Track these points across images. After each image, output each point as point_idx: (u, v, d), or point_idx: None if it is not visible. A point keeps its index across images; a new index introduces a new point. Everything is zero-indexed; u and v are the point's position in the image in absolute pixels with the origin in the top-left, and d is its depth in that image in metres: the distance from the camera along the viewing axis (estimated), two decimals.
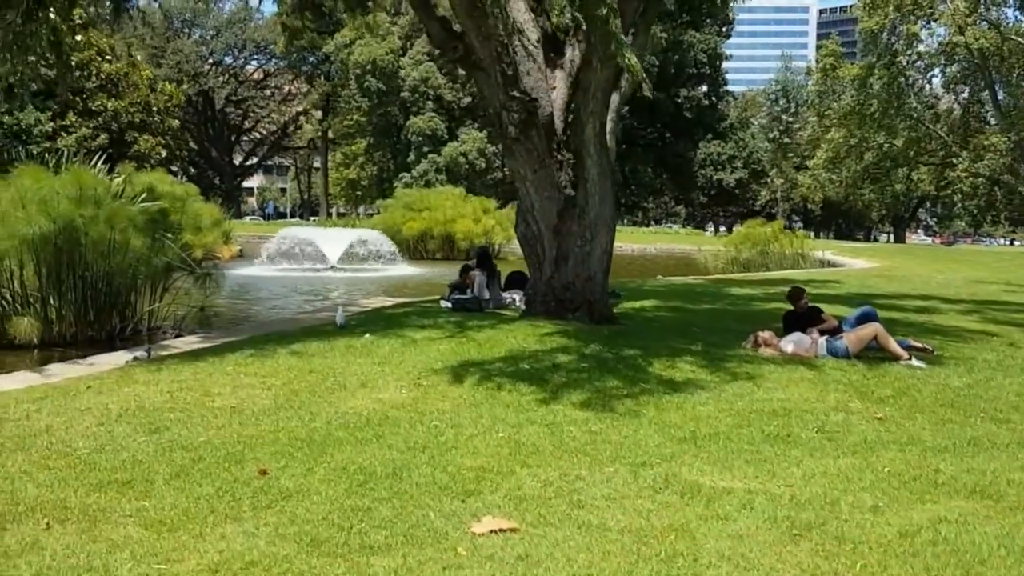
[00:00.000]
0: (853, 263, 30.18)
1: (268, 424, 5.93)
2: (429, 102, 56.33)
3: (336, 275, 26.42)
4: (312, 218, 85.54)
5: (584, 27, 9.87)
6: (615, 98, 10.60)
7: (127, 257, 12.46)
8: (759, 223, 30.17)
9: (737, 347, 9.15)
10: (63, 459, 5.03)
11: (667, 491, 4.82)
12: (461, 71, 57.31)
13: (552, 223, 10.60)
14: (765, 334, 9.22)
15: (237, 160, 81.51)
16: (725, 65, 67.65)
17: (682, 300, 14.01)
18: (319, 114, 72.11)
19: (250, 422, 5.97)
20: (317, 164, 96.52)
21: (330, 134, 68.68)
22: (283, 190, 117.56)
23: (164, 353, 8.97)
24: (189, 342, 10.14)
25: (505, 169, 56.84)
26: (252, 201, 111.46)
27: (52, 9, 9.17)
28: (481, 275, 12.30)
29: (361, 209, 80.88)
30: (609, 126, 10.45)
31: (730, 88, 73.21)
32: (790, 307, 10.30)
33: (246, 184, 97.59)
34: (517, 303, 12.27)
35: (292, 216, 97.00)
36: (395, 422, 6.08)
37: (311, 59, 67.52)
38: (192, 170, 60.12)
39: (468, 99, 57.38)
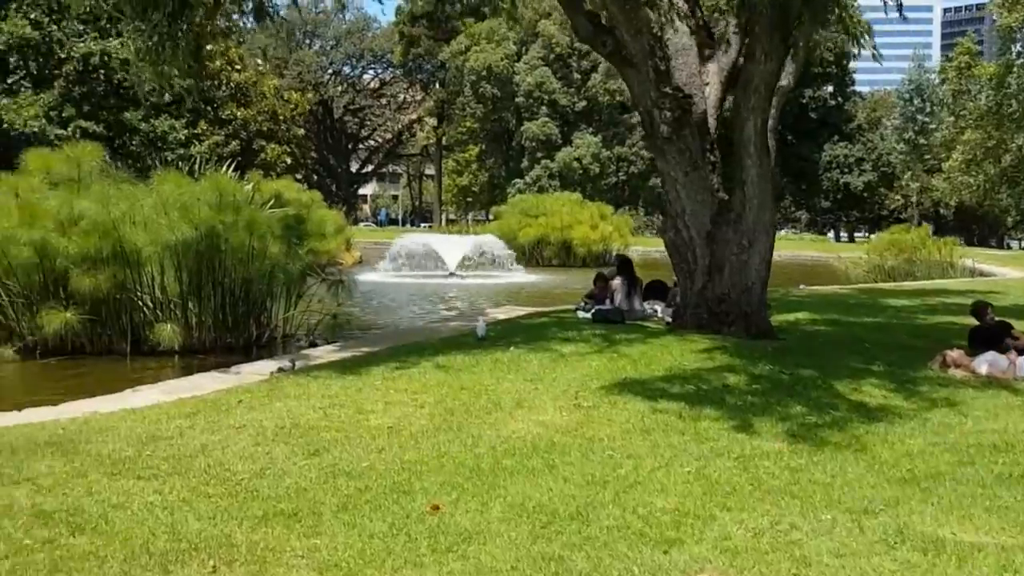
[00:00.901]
0: (1003, 272, 28.08)
1: (429, 448, 5.47)
2: (543, 107, 55.99)
3: (455, 282, 26.24)
4: (423, 224, 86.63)
5: (742, 18, 9.14)
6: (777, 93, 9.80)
7: (264, 264, 12.39)
8: (903, 229, 28.42)
9: (922, 367, 8.22)
10: (223, 485, 4.67)
11: (904, 547, 4.09)
12: (577, 75, 57.00)
13: (705, 229, 9.88)
14: (954, 353, 8.27)
15: (353, 168, 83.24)
16: (852, 64, 64.80)
17: (837, 312, 13.01)
18: (433, 121, 72.86)
19: (410, 445, 5.52)
20: (428, 171, 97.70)
21: (444, 141, 69.22)
22: (395, 197, 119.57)
23: (307, 363, 8.69)
24: (329, 351, 9.87)
25: (620, 174, 56.04)
26: (366, 208, 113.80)
27: (198, 11, 9.04)
28: (622, 284, 11.65)
29: (470, 216, 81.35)
30: (770, 123, 9.66)
31: (856, 88, 70.11)
32: (973, 322, 9.30)
33: (360, 191, 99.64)
34: (659, 315, 11.57)
35: (403, 223, 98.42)
36: (563, 449, 5.52)
37: (426, 67, 68.27)
38: (314, 177, 61.66)
39: (583, 103, 56.83)
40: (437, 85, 68.59)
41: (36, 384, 9.70)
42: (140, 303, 11.71)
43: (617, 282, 11.74)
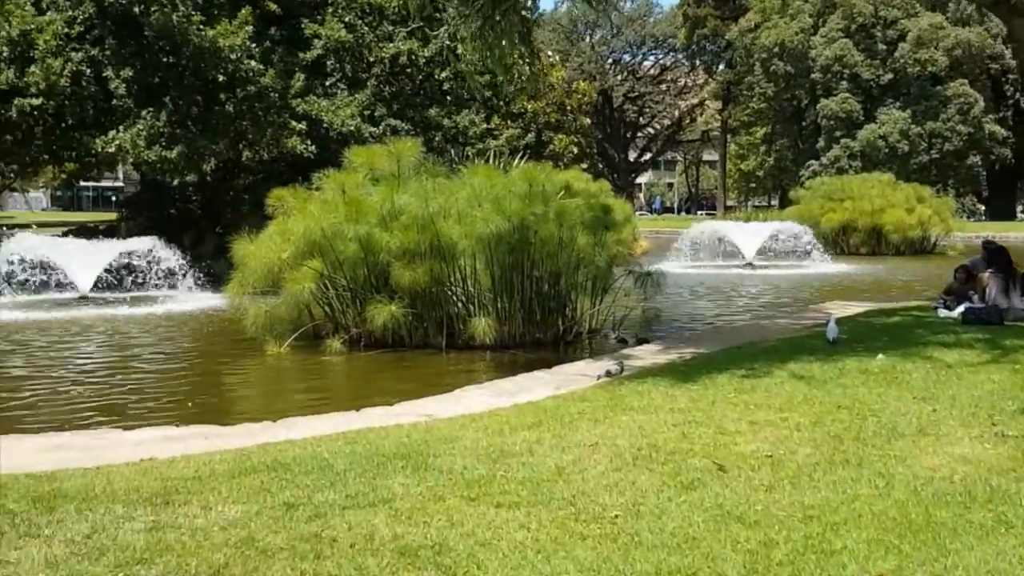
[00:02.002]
0: None
1: (829, 489, 4.39)
2: (843, 82, 51.73)
3: (754, 272, 24.60)
4: (700, 212, 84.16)
5: None
6: None
7: (572, 256, 11.86)
8: None
9: None
10: (595, 523, 3.92)
11: None
12: (882, 45, 52.06)
13: None
14: None
15: (631, 156, 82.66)
16: None
17: None
18: (717, 104, 70.35)
19: (804, 483, 4.48)
20: (706, 157, 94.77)
21: (729, 123, 66.52)
22: (670, 184, 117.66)
23: (635, 366, 7.91)
24: (652, 352, 9.06)
25: (932, 152, 50.50)
26: (641, 197, 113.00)
27: None
28: (996, 278, 9.74)
29: (750, 202, 77.76)
30: None
31: None
32: None
33: (637, 180, 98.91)
34: None
35: (679, 211, 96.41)
36: (1012, 498, 4.22)
37: (711, 48, 65.98)
38: (600, 167, 61.92)
39: (888, 76, 51.82)
40: (722, 66, 66.02)
41: (367, 377, 9.79)
42: (454, 297, 11.61)
43: (988, 275, 9.85)
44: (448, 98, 24.04)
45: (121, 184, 79.23)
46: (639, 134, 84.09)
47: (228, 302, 12.30)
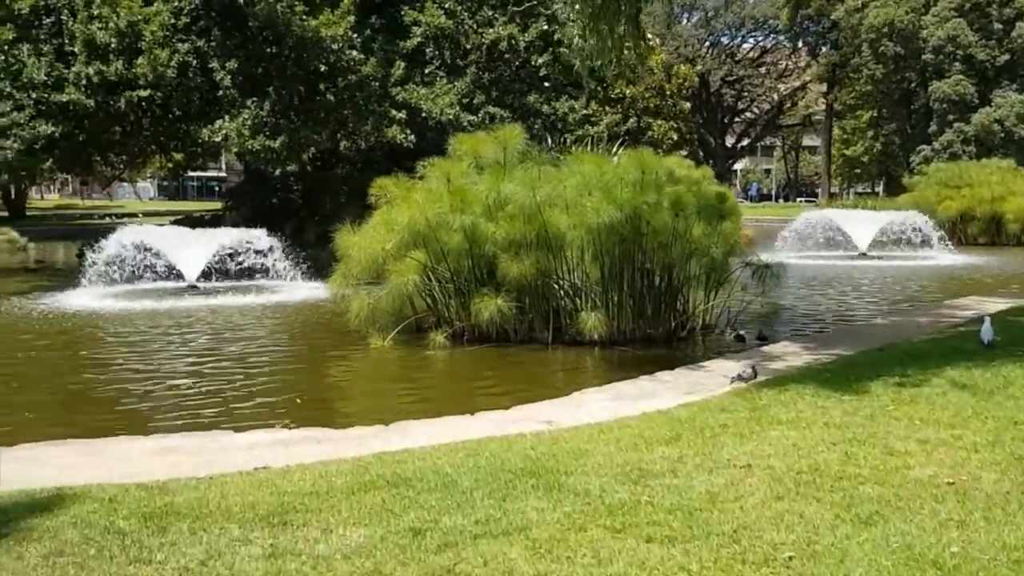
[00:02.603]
0: None
1: None
2: (956, 63, 48.93)
3: (867, 263, 23.36)
4: (799, 200, 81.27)
5: None
6: None
7: (686, 247, 11.24)
8: None
9: None
10: (767, 567, 3.40)
11: None
12: (997, 25, 49.08)
13: None
14: None
15: (728, 142, 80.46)
16: None
17: None
18: (821, 87, 67.70)
19: (999, 518, 3.85)
20: (806, 142, 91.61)
21: (834, 107, 63.91)
22: (767, 171, 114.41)
23: (769, 369, 7.29)
24: (781, 352, 8.41)
25: None
26: (736, 184, 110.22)
27: None
28: None
29: (851, 190, 74.72)
30: None
31: None
32: None
33: (734, 166, 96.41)
34: None
35: (777, 199, 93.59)
36: None
37: (815, 29, 63.43)
38: (700, 154, 60.42)
39: (1005, 57, 48.76)
40: (827, 48, 63.45)
41: (474, 374, 9.42)
42: (561, 290, 11.15)
43: None
44: (545, 84, 23.56)
45: (224, 174, 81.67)
46: (737, 119, 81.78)
47: (331, 293, 12.14)
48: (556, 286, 11.14)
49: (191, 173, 63.58)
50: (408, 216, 10.82)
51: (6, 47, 18.10)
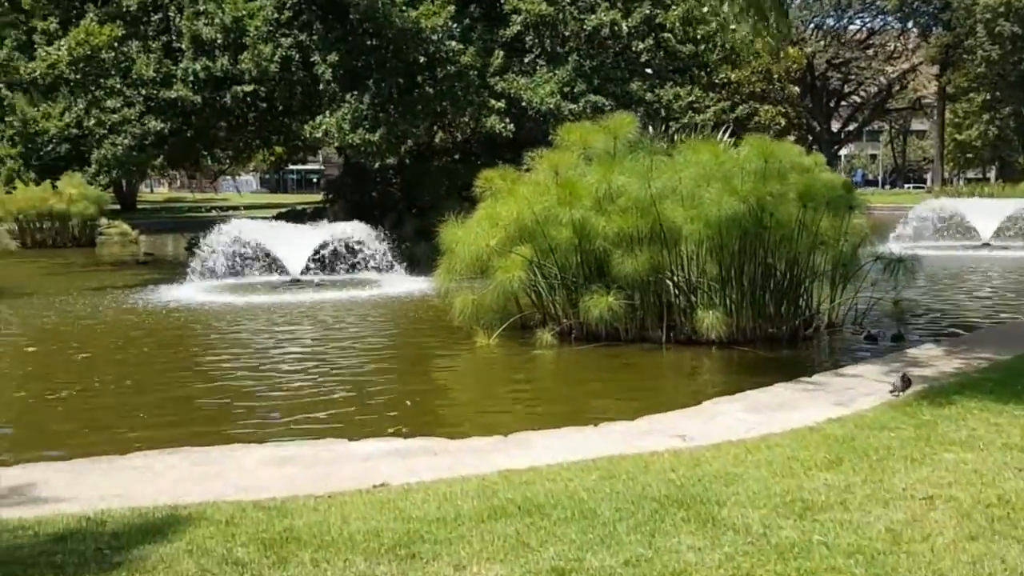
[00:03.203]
0: None
1: None
2: None
3: (993, 254, 21.90)
4: (907, 186, 77.61)
5: None
6: None
7: (811, 239, 10.54)
8: None
9: None
10: None
11: None
12: None
13: None
14: None
15: (834, 127, 77.46)
16: None
17: None
18: (931, 70, 64.46)
19: None
20: (916, 126, 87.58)
21: (947, 90, 60.71)
22: (872, 157, 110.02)
23: (912, 372, 6.61)
24: (929, 357, 7.69)
25: None
26: (841, 170, 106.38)
27: None
28: None
29: (962, 176, 71.00)
30: None
31: None
32: None
33: (840, 152, 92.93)
34: None
35: (883, 185, 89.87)
36: None
37: (926, 8, 60.35)
38: (808, 139, 58.38)
39: None
40: (939, 28, 60.32)
41: (587, 376, 8.98)
42: (676, 286, 10.58)
43: None
44: (647, 71, 22.83)
45: (322, 166, 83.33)
46: (843, 103, 78.66)
47: (435, 288, 11.88)
48: (670, 283, 10.58)
49: (291, 166, 64.97)
50: (516, 210, 10.43)
51: (116, 44, 18.50)
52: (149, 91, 18.83)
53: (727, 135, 15.39)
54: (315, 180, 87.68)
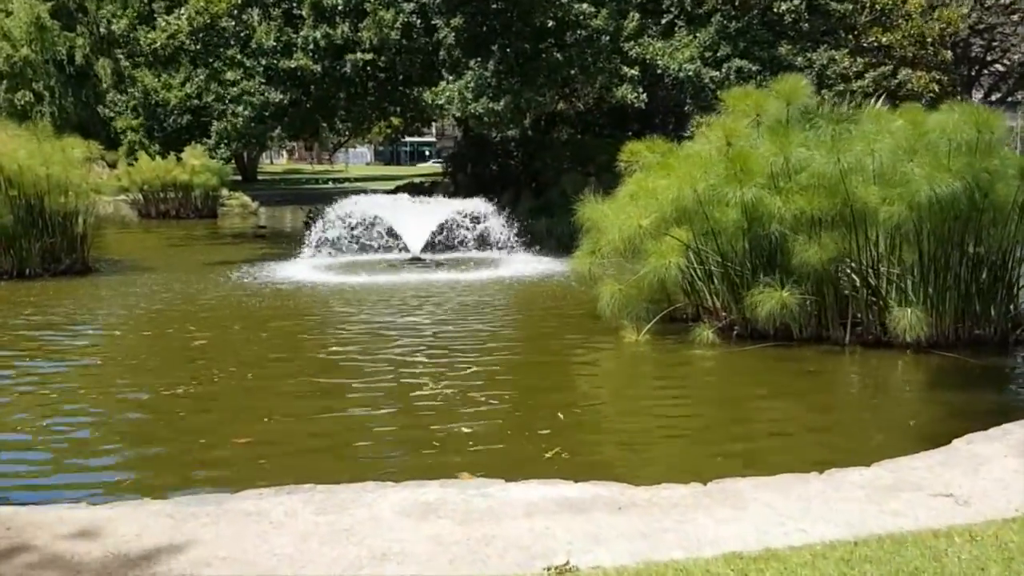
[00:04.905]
0: None
1: None
2: None
3: None
4: None
5: None
6: None
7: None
8: None
9: None
10: None
11: None
12: None
13: None
14: None
15: (976, 97, 72.05)
16: None
17: None
18: None
19: None
20: None
21: None
22: (1010, 128, 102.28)
23: None
24: None
25: None
26: None
27: None
28: None
29: None
30: None
31: None
32: None
33: None
34: None
35: None
36: None
37: None
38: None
39: None
40: None
41: (766, 388, 7.53)
42: (863, 279, 9.00)
43: None
44: (791, 33, 20.83)
45: (434, 139, 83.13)
46: (984, 72, 73.04)
47: (572, 271, 10.64)
48: (856, 275, 9.00)
49: (405, 139, 64.85)
50: (675, 187, 9.02)
51: (235, 12, 17.88)
52: (269, 61, 18.16)
53: (880, 103, 13.55)
54: (428, 153, 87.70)
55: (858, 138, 8.88)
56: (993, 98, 75.78)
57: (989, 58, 74.01)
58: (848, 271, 9.04)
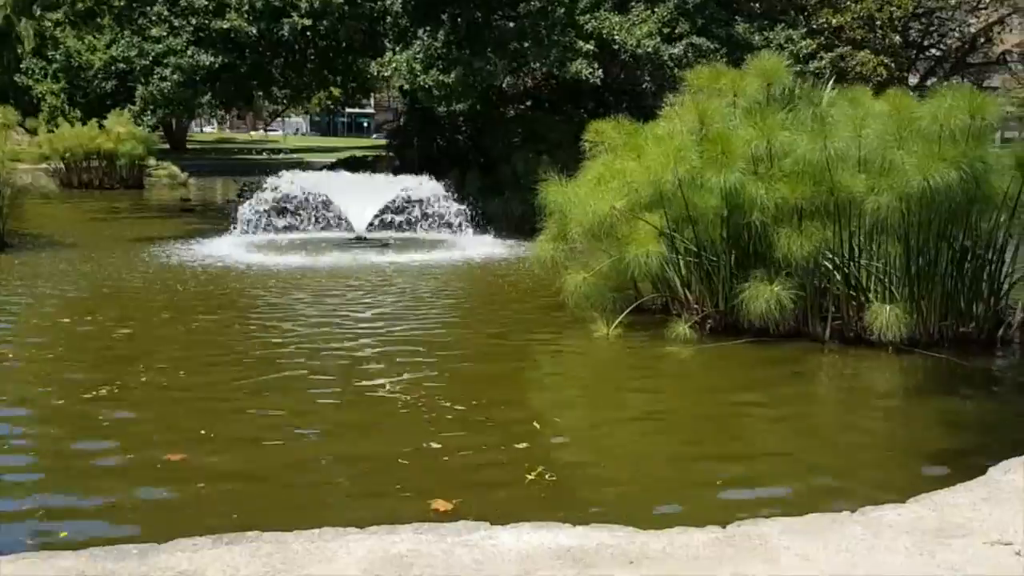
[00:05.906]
0: None
1: None
2: None
3: None
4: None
5: None
6: None
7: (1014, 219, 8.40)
8: None
9: None
10: None
11: None
12: None
13: None
14: None
15: (912, 81, 73.35)
16: None
17: None
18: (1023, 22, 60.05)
19: None
20: (994, 83, 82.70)
21: None
22: None
23: None
24: None
25: None
26: None
27: None
28: None
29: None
30: None
31: None
32: None
33: None
34: None
35: None
36: None
37: None
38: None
39: None
40: None
41: (755, 392, 6.93)
42: (843, 273, 8.49)
43: None
44: (746, 12, 20.33)
45: (372, 111, 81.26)
46: (921, 56, 74.38)
47: (534, 255, 9.95)
48: (836, 269, 8.48)
49: (344, 110, 63.19)
50: (653, 169, 8.36)
51: None
52: (200, 20, 16.92)
53: (830, 86, 13.13)
54: (367, 124, 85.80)
55: (844, 123, 8.33)
56: (928, 83, 77.54)
57: (926, 43, 75.57)
58: (828, 264, 8.52)
